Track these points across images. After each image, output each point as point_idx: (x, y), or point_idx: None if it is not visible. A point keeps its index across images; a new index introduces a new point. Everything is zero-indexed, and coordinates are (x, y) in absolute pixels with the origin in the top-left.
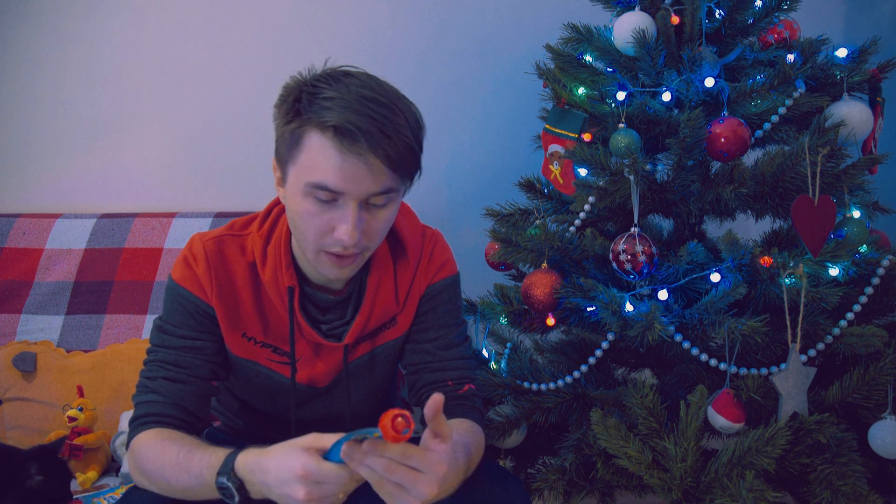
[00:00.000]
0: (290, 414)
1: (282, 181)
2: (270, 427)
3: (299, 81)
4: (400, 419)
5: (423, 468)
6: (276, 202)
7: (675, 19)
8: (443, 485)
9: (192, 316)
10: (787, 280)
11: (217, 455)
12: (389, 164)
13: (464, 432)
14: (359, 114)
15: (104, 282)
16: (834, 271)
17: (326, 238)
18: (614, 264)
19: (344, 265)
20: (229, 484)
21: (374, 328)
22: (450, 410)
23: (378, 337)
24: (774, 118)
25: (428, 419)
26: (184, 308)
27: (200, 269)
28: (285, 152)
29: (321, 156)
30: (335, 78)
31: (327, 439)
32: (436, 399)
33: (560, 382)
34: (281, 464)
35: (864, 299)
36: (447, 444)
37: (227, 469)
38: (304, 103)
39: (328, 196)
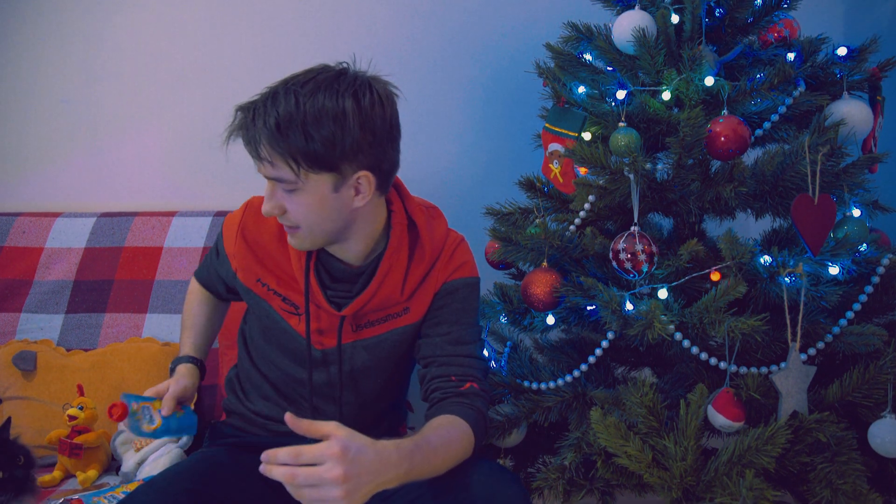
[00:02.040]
0: (304, 373)
1: None
2: (279, 413)
3: None
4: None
5: (317, 460)
6: None
7: (675, 18)
8: (349, 466)
9: (216, 250)
10: (786, 279)
11: (185, 348)
12: (251, 149)
13: (434, 427)
14: (252, 103)
15: (104, 281)
16: (834, 270)
17: None
18: (614, 263)
19: (290, 234)
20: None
21: (377, 311)
22: (444, 409)
23: (388, 323)
24: (774, 117)
25: (304, 433)
26: (219, 240)
27: (237, 218)
28: None
29: None
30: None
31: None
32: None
33: (560, 381)
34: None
35: (864, 298)
36: (339, 432)
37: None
38: None
39: None
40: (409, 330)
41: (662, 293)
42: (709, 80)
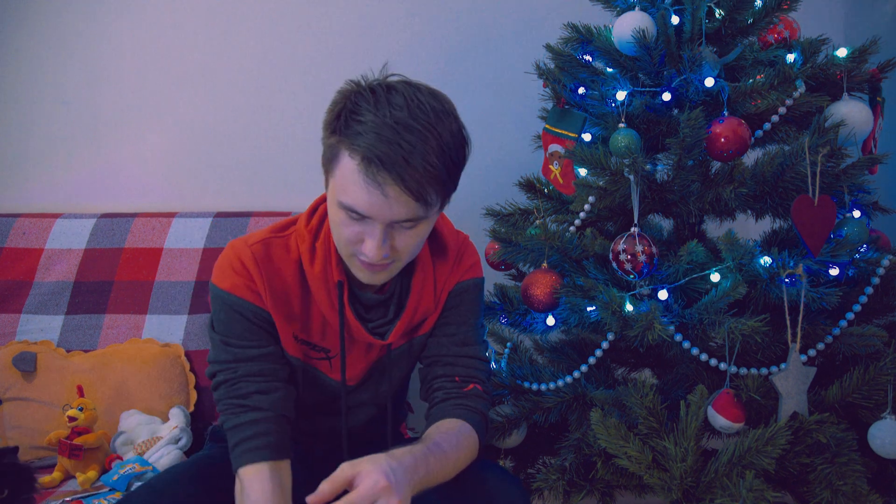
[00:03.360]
0: (322, 402)
1: (325, 185)
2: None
3: (347, 94)
4: None
5: (370, 500)
6: (322, 199)
7: (675, 19)
8: (397, 489)
9: (255, 324)
10: (786, 280)
11: None
12: (411, 194)
13: (443, 431)
14: (388, 143)
15: (104, 282)
16: (834, 271)
17: (357, 247)
18: (614, 264)
19: (375, 272)
20: None
21: (412, 327)
22: (447, 411)
23: (410, 332)
24: (774, 118)
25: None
26: (244, 317)
27: (251, 272)
28: (326, 163)
29: (351, 179)
30: (377, 96)
31: None
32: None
33: (560, 382)
34: None
35: (864, 299)
36: (361, 467)
37: None
38: (342, 122)
39: (357, 216)
40: (425, 339)
41: (662, 294)
42: (709, 81)
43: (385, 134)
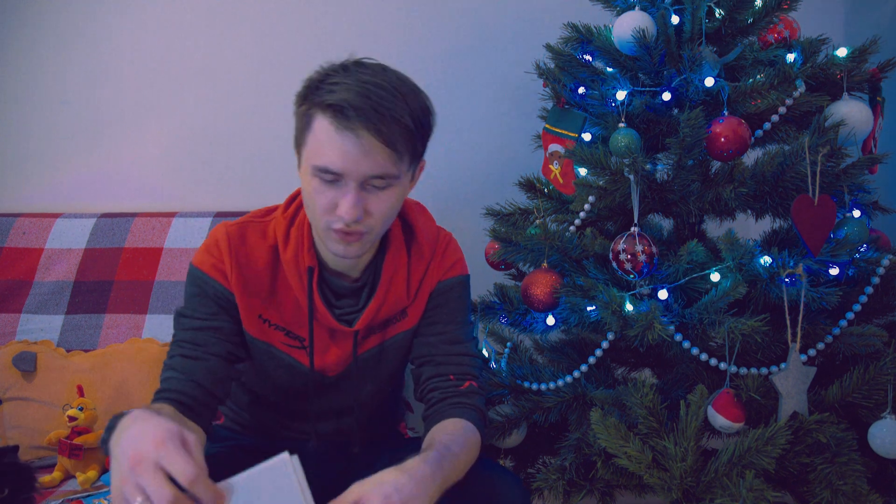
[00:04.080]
0: (306, 395)
1: (298, 166)
2: (276, 421)
3: (314, 74)
4: None
5: None
6: (300, 191)
7: (675, 19)
8: (400, 496)
9: (210, 298)
10: (786, 280)
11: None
12: (381, 139)
13: (449, 432)
14: (357, 94)
15: (104, 281)
16: (834, 271)
17: (331, 215)
18: (614, 264)
19: (350, 241)
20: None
21: (384, 318)
22: (446, 411)
23: (388, 329)
24: (774, 118)
25: None
26: (202, 291)
27: (222, 252)
28: (299, 135)
29: (324, 137)
30: (346, 67)
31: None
32: None
33: (560, 382)
34: (142, 431)
35: (864, 299)
36: (364, 487)
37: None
38: (311, 89)
39: (331, 177)
40: (409, 333)
41: (662, 294)
42: (709, 81)
43: (355, 88)
